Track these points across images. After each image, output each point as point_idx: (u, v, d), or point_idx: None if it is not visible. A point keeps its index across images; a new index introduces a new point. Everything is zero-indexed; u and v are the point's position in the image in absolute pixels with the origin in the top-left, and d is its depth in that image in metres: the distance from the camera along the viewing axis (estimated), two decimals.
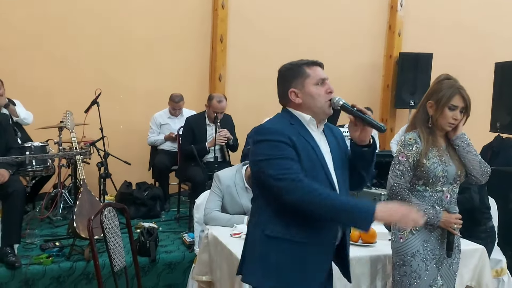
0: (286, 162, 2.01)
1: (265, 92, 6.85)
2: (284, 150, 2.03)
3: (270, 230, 2.08)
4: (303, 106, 2.15)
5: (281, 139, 2.05)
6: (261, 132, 2.12)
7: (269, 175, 2.01)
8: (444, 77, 2.67)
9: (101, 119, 5.41)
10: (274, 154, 2.03)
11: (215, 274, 3.11)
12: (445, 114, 2.60)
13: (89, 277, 3.90)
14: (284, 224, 2.07)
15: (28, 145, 4.59)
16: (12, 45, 5.99)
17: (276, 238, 2.07)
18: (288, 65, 2.20)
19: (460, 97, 2.59)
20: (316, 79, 2.14)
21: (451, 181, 2.66)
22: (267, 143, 2.06)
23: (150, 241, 4.09)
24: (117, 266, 2.92)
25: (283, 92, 2.20)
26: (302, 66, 2.16)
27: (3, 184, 3.89)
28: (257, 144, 2.11)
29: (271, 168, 2.01)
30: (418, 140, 2.64)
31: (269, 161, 2.03)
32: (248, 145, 5.89)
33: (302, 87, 2.14)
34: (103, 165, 5.24)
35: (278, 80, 2.23)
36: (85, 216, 3.96)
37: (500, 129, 5.45)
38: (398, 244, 2.68)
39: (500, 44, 7.75)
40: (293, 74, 2.16)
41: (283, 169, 2.00)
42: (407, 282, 2.63)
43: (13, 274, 3.74)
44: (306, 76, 2.14)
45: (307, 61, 2.18)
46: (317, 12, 7.24)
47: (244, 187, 3.60)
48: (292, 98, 2.16)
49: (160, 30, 6.60)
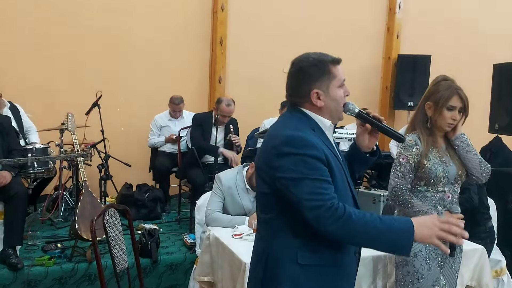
0: (321, 185, 1.74)
1: (264, 94, 6.93)
2: (320, 169, 1.77)
3: (301, 258, 1.83)
4: (323, 110, 1.89)
5: (317, 155, 1.77)
6: (293, 144, 1.78)
7: (302, 198, 1.73)
8: (442, 78, 2.70)
9: (102, 121, 5.44)
10: (309, 174, 1.74)
11: (217, 274, 3.13)
12: (443, 114, 2.63)
13: (91, 278, 3.91)
14: (317, 250, 1.84)
15: (30, 147, 4.61)
16: (13, 47, 6.02)
17: (310, 265, 1.84)
18: (312, 59, 1.88)
19: (458, 97, 2.62)
20: (340, 81, 1.89)
21: (452, 181, 2.68)
22: (300, 158, 1.76)
23: (151, 243, 4.11)
24: (120, 267, 2.94)
25: (302, 91, 1.89)
26: (328, 64, 1.87)
27: (5, 186, 3.91)
28: (288, 157, 1.77)
29: (303, 191, 1.73)
30: (418, 142, 2.66)
31: (302, 181, 1.74)
32: (248, 147, 5.92)
33: (327, 89, 1.87)
34: (104, 167, 5.25)
35: (296, 75, 1.91)
36: (87, 217, 3.98)
37: (498, 130, 5.48)
38: None
39: (498, 46, 7.79)
40: (319, 72, 1.87)
41: (318, 194, 1.73)
42: (410, 282, 2.66)
43: (15, 275, 3.76)
44: (333, 77, 1.87)
45: (331, 58, 1.89)
46: (316, 14, 7.28)
47: (245, 188, 3.63)
48: (314, 100, 1.87)
49: (160, 33, 6.63)
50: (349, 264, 1.96)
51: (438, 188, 2.67)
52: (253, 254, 2.04)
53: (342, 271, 1.92)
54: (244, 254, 2.78)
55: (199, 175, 4.93)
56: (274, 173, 1.81)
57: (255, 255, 2.01)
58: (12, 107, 5.16)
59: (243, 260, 2.71)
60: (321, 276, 1.86)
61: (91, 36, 6.33)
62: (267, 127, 5.77)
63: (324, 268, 1.86)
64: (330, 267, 1.87)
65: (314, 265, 1.85)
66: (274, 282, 1.87)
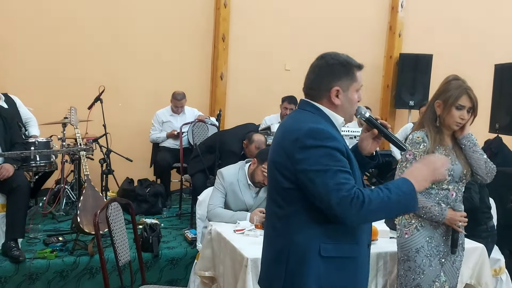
0: (344, 176, 1.80)
1: (266, 91, 6.95)
2: (342, 161, 1.83)
3: (324, 250, 1.88)
4: (339, 108, 1.97)
5: (339, 147, 1.84)
6: (316, 136, 1.83)
7: (328, 190, 1.78)
8: (453, 77, 2.72)
9: (104, 116, 5.44)
10: (333, 165, 1.80)
11: (218, 269, 3.15)
12: (452, 113, 2.65)
13: (92, 271, 3.94)
14: (338, 242, 1.90)
15: (33, 141, 4.62)
16: (16, 40, 6.03)
17: (332, 257, 1.89)
18: (341, 59, 1.98)
19: (468, 97, 2.64)
20: (359, 85, 2.00)
21: (457, 179, 2.71)
22: (324, 150, 1.81)
23: (153, 237, 4.13)
24: (122, 260, 2.96)
25: (323, 85, 1.95)
26: (354, 68, 1.98)
27: (7, 178, 3.92)
28: (312, 150, 1.82)
29: (329, 183, 1.78)
30: (426, 139, 2.69)
31: (327, 173, 1.79)
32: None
33: (347, 89, 1.96)
34: (106, 162, 5.27)
35: (322, 69, 1.97)
36: (89, 211, 4.00)
37: (499, 130, 5.51)
38: (403, 240, 2.73)
39: (500, 46, 7.80)
40: (344, 72, 1.96)
41: (342, 184, 1.78)
42: (411, 277, 2.69)
43: (17, 268, 3.78)
44: (354, 80, 1.97)
45: (357, 63, 2.00)
46: (319, 12, 7.29)
47: (247, 184, 3.65)
48: (333, 96, 1.95)
49: (162, 28, 6.64)
50: (364, 256, 2.03)
51: (443, 186, 2.69)
52: (267, 252, 2.05)
53: (359, 264, 1.98)
54: (246, 250, 2.81)
55: (200, 178, 4.91)
56: (297, 166, 1.84)
57: (272, 253, 2.01)
58: (7, 99, 5.04)
59: (245, 255, 2.73)
60: (341, 268, 1.92)
61: (94, 31, 6.33)
62: (268, 124, 5.79)
63: (344, 261, 1.93)
64: (349, 259, 1.94)
65: (335, 257, 1.90)
66: (298, 278, 1.90)
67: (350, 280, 1.95)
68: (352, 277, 1.95)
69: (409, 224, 2.72)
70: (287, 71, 7.12)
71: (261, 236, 3.05)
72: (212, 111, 6.86)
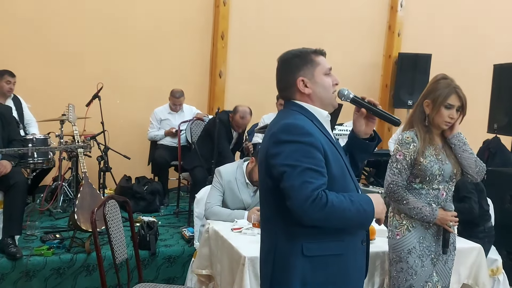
0: (312, 175, 1.77)
1: (265, 89, 6.89)
2: (314, 158, 1.80)
3: (307, 250, 1.86)
4: (313, 97, 1.95)
5: (313, 142, 1.82)
6: (291, 131, 1.83)
7: (292, 186, 1.77)
8: (441, 76, 2.72)
9: (102, 113, 5.43)
10: (303, 162, 1.78)
11: (215, 267, 3.15)
12: (441, 112, 2.64)
13: (89, 269, 3.93)
14: (321, 241, 1.87)
15: (30, 138, 4.61)
16: (14, 37, 6.01)
17: (316, 256, 1.88)
18: (294, 52, 1.98)
19: (456, 96, 2.64)
20: (325, 69, 1.96)
21: (447, 179, 2.70)
22: (297, 145, 1.80)
23: (150, 235, 4.12)
24: (119, 258, 2.95)
25: (288, 82, 1.97)
26: (310, 54, 1.96)
27: (5, 175, 3.92)
28: (285, 145, 1.82)
29: (295, 179, 1.77)
30: (415, 139, 2.68)
31: (295, 169, 1.77)
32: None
33: (312, 76, 1.94)
34: (103, 159, 5.26)
35: (282, 68, 2.00)
36: (86, 208, 4.00)
37: (497, 131, 5.51)
38: (395, 241, 2.73)
39: (499, 46, 7.80)
40: (301, 61, 1.95)
41: (307, 183, 1.76)
42: (404, 278, 2.68)
43: (14, 265, 3.77)
44: (316, 65, 1.95)
45: (312, 49, 1.98)
46: (318, 11, 7.28)
47: (245, 183, 3.64)
48: (301, 87, 1.94)
49: (161, 26, 6.63)
50: (356, 253, 1.99)
51: (433, 186, 2.68)
52: (261, 252, 2.06)
53: (349, 261, 1.94)
54: (243, 248, 2.80)
55: (200, 172, 4.92)
56: (271, 160, 1.85)
57: (263, 254, 2.03)
58: (15, 98, 5.25)
59: (243, 253, 2.73)
60: (328, 266, 1.89)
61: (93, 27, 6.32)
62: (266, 122, 5.78)
63: (331, 258, 1.90)
64: (335, 256, 1.90)
65: (319, 256, 1.88)
66: (283, 278, 1.90)
67: (339, 276, 1.92)
68: (342, 273, 1.93)
69: (400, 225, 2.71)
70: None
71: (259, 234, 3.06)
72: (210, 109, 6.86)
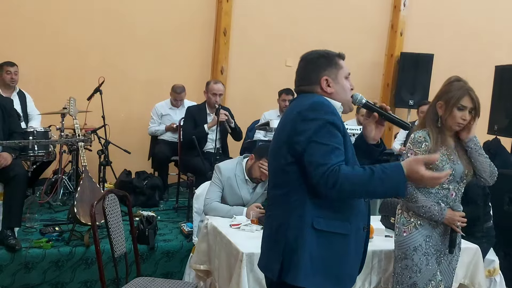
0: (332, 152, 1.88)
1: (266, 86, 6.94)
2: (337, 137, 1.92)
3: (317, 223, 1.95)
4: (334, 96, 2.07)
5: (337, 122, 1.93)
6: (316, 108, 1.95)
7: (314, 162, 1.87)
8: (455, 78, 2.73)
9: (103, 107, 5.44)
10: (326, 140, 1.88)
11: (213, 263, 3.17)
12: (454, 114, 2.65)
13: (88, 262, 3.94)
14: (330, 217, 1.97)
15: (31, 130, 4.62)
16: (16, 31, 6.01)
17: (323, 231, 1.96)
18: (320, 52, 2.11)
19: (469, 98, 2.65)
20: (346, 73, 2.11)
21: (458, 179, 2.72)
22: (322, 123, 1.90)
23: (149, 229, 4.13)
24: (118, 252, 2.97)
25: (311, 79, 2.08)
26: (335, 57, 2.11)
27: (5, 167, 3.93)
28: (312, 122, 1.92)
29: (317, 155, 1.87)
30: (428, 138, 2.69)
31: (318, 145, 1.88)
32: (248, 138, 5.93)
33: (335, 77, 2.08)
34: (104, 153, 5.27)
35: (307, 66, 2.11)
36: (86, 202, 4.01)
37: (497, 132, 5.51)
38: (402, 238, 2.75)
39: (501, 48, 7.80)
40: (327, 62, 2.08)
41: (328, 159, 1.86)
42: (408, 275, 2.70)
43: (13, 256, 3.78)
44: (340, 67, 2.10)
45: (337, 52, 2.13)
46: (321, 9, 7.28)
47: (244, 179, 3.65)
48: (324, 86, 2.07)
49: (163, 21, 6.63)
50: (358, 237, 2.07)
51: (443, 185, 2.70)
52: (266, 236, 2.13)
53: (351, 242, 2.02)
54: (241, 244, 2.82)
55: (200, 164, 4.94)
56: (297, 137, 1.94)
57: (273, 229, 2.06)
58: (20, 92, 5.33)
59: (241, 249, 2.74)
60: (332, 244, 1.98)
61: (95, 22, 6.32)
62: (267, 119, 5.78)
63: (336, 236, 1.98)
64: (340, 235, 1.99)
65: (326, 232, 1.97)
66: (294, 251, 1.97)
67: (341, 257, 2.00)
68: (343, 254, 2.00)
69: (408, 222, 2.74)
70: (287, 67, 7.12)
71: (257, 231, 3.08)
72: None
